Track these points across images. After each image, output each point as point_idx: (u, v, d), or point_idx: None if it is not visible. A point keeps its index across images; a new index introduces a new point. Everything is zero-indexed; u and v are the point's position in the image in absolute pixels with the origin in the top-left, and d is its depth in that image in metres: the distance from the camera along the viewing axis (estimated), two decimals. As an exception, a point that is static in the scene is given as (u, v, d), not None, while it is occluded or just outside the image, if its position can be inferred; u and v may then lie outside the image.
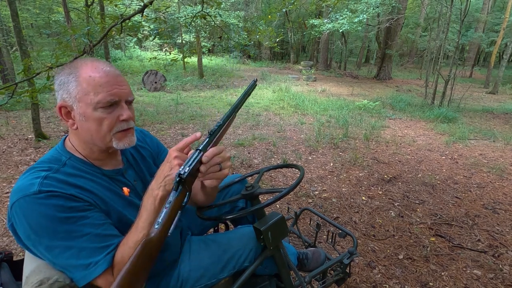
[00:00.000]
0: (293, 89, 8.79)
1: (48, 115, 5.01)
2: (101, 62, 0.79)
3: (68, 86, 0.76)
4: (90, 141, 0.80)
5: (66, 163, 0.78)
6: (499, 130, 5.35)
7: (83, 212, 0.72)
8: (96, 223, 0.73)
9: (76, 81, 0.75)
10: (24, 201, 0.68)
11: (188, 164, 0.72)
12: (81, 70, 0.76)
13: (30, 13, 12.04)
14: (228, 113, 0.89)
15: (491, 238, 2.19)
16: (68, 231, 0.69)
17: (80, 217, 0.71)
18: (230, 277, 0.99)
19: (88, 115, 0.76)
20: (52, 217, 0.68)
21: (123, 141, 0.81)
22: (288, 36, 18.97)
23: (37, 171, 0.74)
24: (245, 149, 3.89)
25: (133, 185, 0.90)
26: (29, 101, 3.28)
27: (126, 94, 0.80)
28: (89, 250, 0.70)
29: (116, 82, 0.77)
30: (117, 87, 0.77)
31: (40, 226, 0.68)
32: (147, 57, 13.02)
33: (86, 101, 0.75)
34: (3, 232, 2.06)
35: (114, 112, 0.78)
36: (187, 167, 0.71)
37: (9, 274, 0.87)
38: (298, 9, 16.40)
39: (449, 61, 8.71)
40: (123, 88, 0.79)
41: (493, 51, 13.33)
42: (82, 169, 0.80)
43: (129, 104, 0.83)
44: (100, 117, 0.76)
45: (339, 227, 1.52)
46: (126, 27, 3.82)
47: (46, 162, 0.77)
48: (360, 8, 9.95)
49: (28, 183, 0.70)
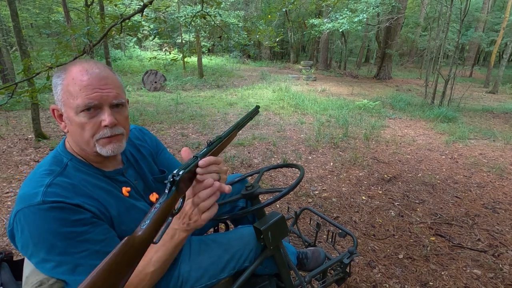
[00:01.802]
0: (293, 88, 8.79)
1: (48, 115, 5.01)
2: (91, 63, 0.76)
3: (56, 89, 0.75)
4: (79, 144, 0.79)
5: (68, 164, 0.78)
6: (499, 129, 5.35)
7: (85, 227, 0.70)
8: (96, 239, 0.71)
9: (62, 84, 0.74)
10: (28, 211, 0.67)
11: (183, 167, 0.69)
12: (67, 72, 0.74)
13: (30, 13, 12.04)
14: (230, 129, 0.91)
15: (491, 238, 2.19)
16: (67, 246, 0.68)
17: (81, 232, 0.70)
18: (230, 277, 0.99)
19: (72, 119, 0.74)
20: (53, 231, 0.67)
21: (107, 148, 0.77)
22: (288, 36, 18.97)
23: (40, 176, 0.73)
24: (245, 148, 3.89)
25: (134, 184, 0.90)
26: (29, 101, 3.28)
27: (111, 97, 0.75)
28: (86, 267, 0.69)
29: (99, 85, 0.73)
30: (98, 90, 0.73)
31: (40, 238, 0.67)
32: (147, 57, 13.03)
33: (69, 105, 0.73)
34: (3, 232, 2.06)
35: (96, 117, 0.74)
36: (181, 170, 0.67)
37: (9, 274, 0.87)
38: (298, 8, 16.40)
39: (449, 61, 8.71)
40: (106, 91, 0.74)
41: (493, 50, 13.33)
42: (83, 171, 0.79)
43: (116, 108, 0.78)
44: (82, 122, 0.73)
45: (339, 226, 1.52)
46: (126, 27, 3.83)
47: (48, 164, 0.77)
48: (360, 7, 9.95)
49: (32, 191, 0.69)
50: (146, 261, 0.72)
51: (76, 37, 5.58)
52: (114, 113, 0.77)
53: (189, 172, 0.69)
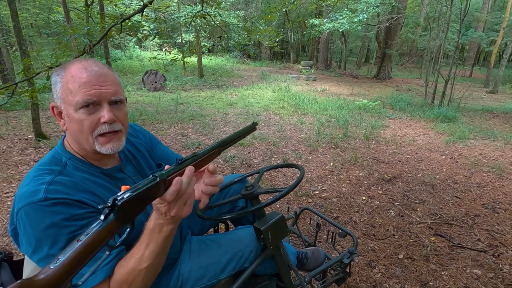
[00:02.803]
0: (293, 88, 8.79)
1: (48, 115, 5.01)
2: (90, 61, 0.77)
3: (56, 86, 0.76)
4: (78, 142, 0.79)
5: (67, 163, 0.78)
6: (499, 129, 5.35)
7: (86, 220, 0.71)
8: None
9: (61, 82, 0.75)
10: (30, 208, 0.67)
11: (135, 188, 0.55)
12: (67, 70, 0.75)
13: (30, 13, 12.03)
14: (210, 148, 0.79)
15: (491, 238, 2.19)
16: (70, 240, 0.68)
17: (82, 226, 0.70)
18: (230, 277, 0.99)
19: (71, 116, 0.75)
20: (56, 225, 0.67)
21: (106, 146, 0.77)
22: (288, 36, 18.96)
23: (40, 174, 0.73)
24: (245, 148, 3.89)
25: (133, 180, 0.90)
26: (29, 101, 3.28)
27: (109, 94, 0.76)
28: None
29: (98, 82, 0.74)
30: (97, 87, 0.74)
31: (44, 234, 0.67)
32: (147, 57, 13.03)
33: (69, 102, 0.74)
34: (3, 232, 2.06)
35: (95, 114, 0.75)
36: (129, 192, 0.54)
37: (9, 274, 0.87)
38: (298, 8, 16.39)
39: (449, 61, 8.71)
40: (105, 88, 0.75)
41: (493, 50, 13.33)
42: (83, 169, 0.80)
43: (115, 105, 0.79)
44: (81, 118, 0.74)
45: (339, 226, 1.52)
46: (126, 27, 3.83)
47: (47, 164, 0.77)
48: (360, 7, 9.95)
49: (34, 189, 0.69)
50: (137, 258, 0.70)
51: (76, 37, 5.58)
52: (112, 109, 0.77)
53: (139, 196, 0.55)
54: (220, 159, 3.46)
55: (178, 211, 0.66)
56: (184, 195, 0.66)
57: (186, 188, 0.65)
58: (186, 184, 0.65)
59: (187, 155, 0.72)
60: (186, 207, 0.68)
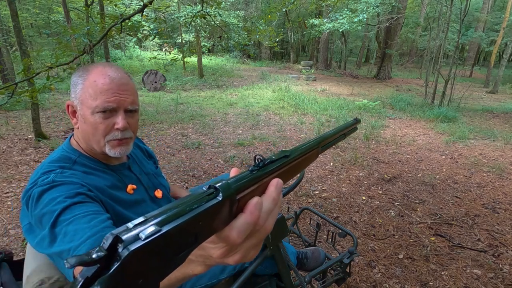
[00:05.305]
0: (293, 88, 8.79)
1: (48, 115, 5.01)
2: (113, 67, 0.80)
3: (76, 87, 0.79)
4: (89, 142, 0.82)
5: (76, 161, 0.80)
6: (499, 129, 5.35)
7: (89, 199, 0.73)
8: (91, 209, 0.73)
9: (83, 84, 0.78)
10: (40, 188, 0.70)
11: (164, 212, 0.24)
12: (89, 74, 0.78)
13: (30, 13, 12.03)
14: (306, 146, 0.48)
15: (491, 238, 2.19)
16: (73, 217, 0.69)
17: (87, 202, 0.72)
18: (230, 276, 0.99)
19: (87, 118, 0.78)
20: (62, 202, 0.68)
21: (116, 149, 0.81)
22: (288, 36, 18.96)
23: (50, 171, 0.75)
24: (245, 149, 3.89)
25: (138, 178, 0.93)
26: (29, 101, 3.28)
27: (127, 103, 0.80)
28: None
29: (118, 90, 0.78)
30: (117, 95, 0.77)
31: (49, 210, 0.67)
32: (147, 57, 13.03)
33: (87, 104, 0.77)
34: (3, 232, 2.06)
35: (111, 119, 0.78)
36: (152, 224, 0.22)
37: (9, 274, 0.87)
38: (298, 8, 16.39)
39: (449, 61, 8.71)
40: (124, 96, 0.79)
41: (493, 50, 13.34)
42: (92, 166, 0.82)
43: (129, 113, 0.82)
44: (96, 121, 0.77)
45: (339, 226, 1.52)
46: (126, 27, 3.83)
47: (56, 162, 0.78)
48: (360, 7, 9.95)
49: (43, 177, 0.73)
50: None
51: (76, 37, 5.57)
52: (127, 117, 0.81)
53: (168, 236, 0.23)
54: (220, 158, 3.45)
55: (243, 257, 0.33)
56: (262, 230, 0.33)
57: (266, 218, 0.33)
58: (268, 213, 0.33)
59: (187, 155, 0.64)
60: (255, 249, 0.34)
